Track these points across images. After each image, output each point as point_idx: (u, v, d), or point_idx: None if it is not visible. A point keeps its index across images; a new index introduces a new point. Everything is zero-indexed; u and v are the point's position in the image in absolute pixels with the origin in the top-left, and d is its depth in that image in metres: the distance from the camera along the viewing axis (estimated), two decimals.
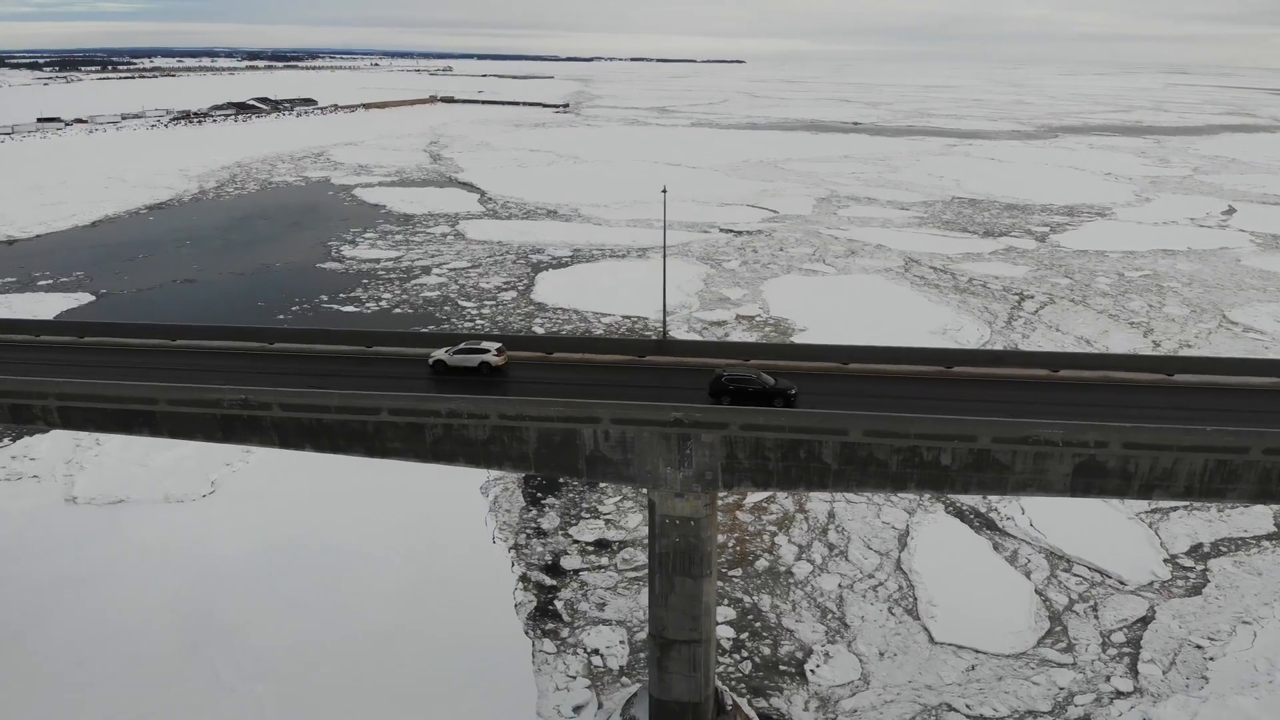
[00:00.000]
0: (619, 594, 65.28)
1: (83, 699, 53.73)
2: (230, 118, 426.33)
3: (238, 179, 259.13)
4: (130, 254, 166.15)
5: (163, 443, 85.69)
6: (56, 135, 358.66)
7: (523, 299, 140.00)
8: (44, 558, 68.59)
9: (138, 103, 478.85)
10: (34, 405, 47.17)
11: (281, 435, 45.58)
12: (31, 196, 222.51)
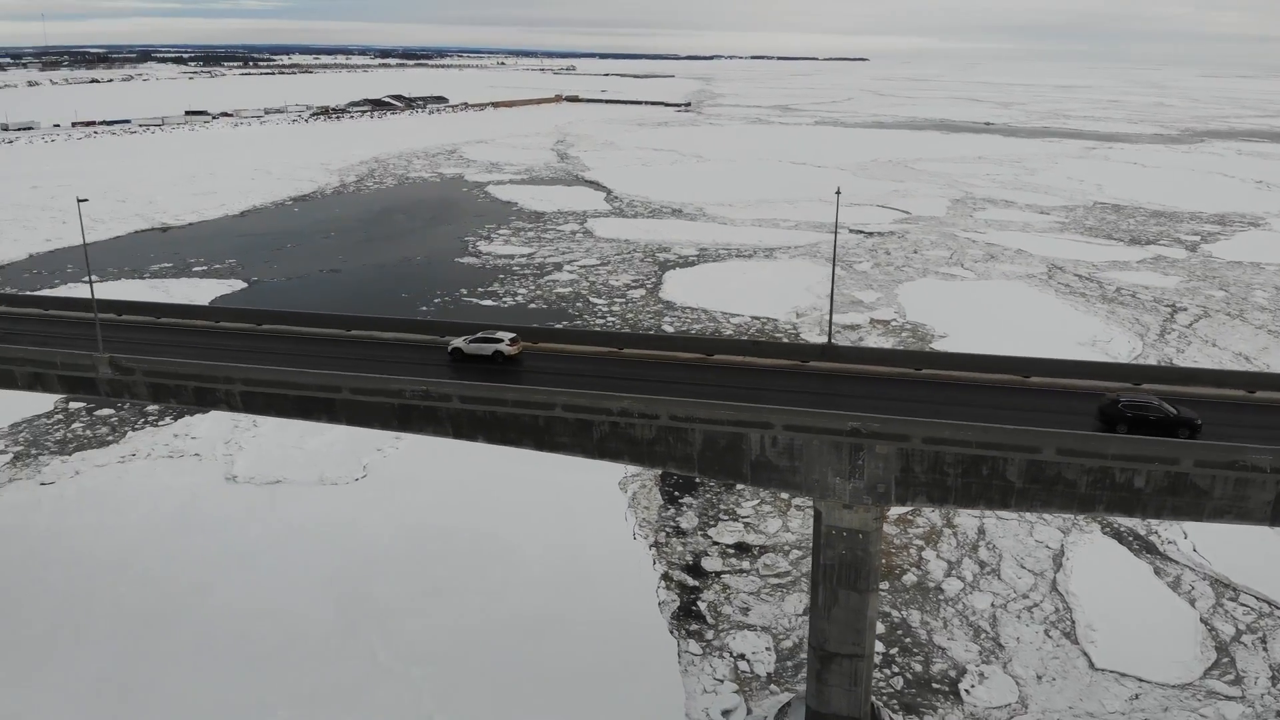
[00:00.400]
0: (763, 600, 64.63)
1: (247, 672, 56.12)
2: (366, 114, 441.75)
3: (376, 174, 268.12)
4: (278, 243, 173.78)
5: (316, 427, 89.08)
6: (204, 128, 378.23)
7: (651, 297, 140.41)
8: (207, 533, 72.13)
9: (277, 98, 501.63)
10: (218, 389, 49.50)
11: (456, 426, 46.60)
12: (183, 186, 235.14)
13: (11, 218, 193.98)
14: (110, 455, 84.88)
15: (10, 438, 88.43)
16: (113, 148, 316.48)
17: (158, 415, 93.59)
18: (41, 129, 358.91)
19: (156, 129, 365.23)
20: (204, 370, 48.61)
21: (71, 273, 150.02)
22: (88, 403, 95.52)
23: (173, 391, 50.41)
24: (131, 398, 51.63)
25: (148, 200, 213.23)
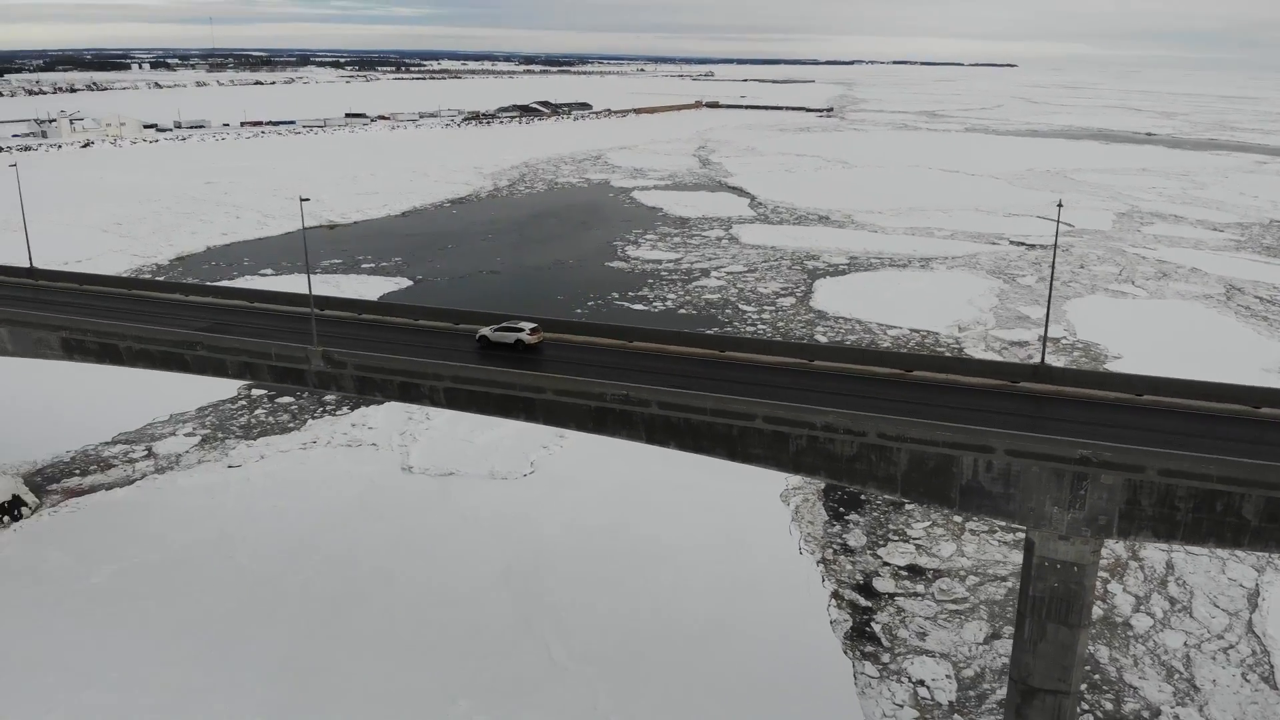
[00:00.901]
0: (940, 625, 62.61)
1: (429, 660, 57.79)
2: (515, 119, 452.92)
3: (526, 178, 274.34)
4: (439, 243, 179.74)
5: (486, 422, 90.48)
6: (363, 130, 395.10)
7: (802, 306, 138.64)
8: (387, 520, 74.83)
9: (427, 102, 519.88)
10: (423, 385, 51.16)
11: (649, 431, 46.81)
12: (347, 186, 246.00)
13: (188, 212, 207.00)
14: (293, 441, 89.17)
15: (197, 421, 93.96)
16: (279, 147, 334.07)
17: (335, 405, 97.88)
18: (212, 128, 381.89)
19: (319, 130, 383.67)
20: (412, 366, 50.33)
21: (248, 265, 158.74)
22: (269, 390, 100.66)
23: (378, 385, 52.39)
24: (338, 389, 53.95)
25: (315, 198, 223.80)
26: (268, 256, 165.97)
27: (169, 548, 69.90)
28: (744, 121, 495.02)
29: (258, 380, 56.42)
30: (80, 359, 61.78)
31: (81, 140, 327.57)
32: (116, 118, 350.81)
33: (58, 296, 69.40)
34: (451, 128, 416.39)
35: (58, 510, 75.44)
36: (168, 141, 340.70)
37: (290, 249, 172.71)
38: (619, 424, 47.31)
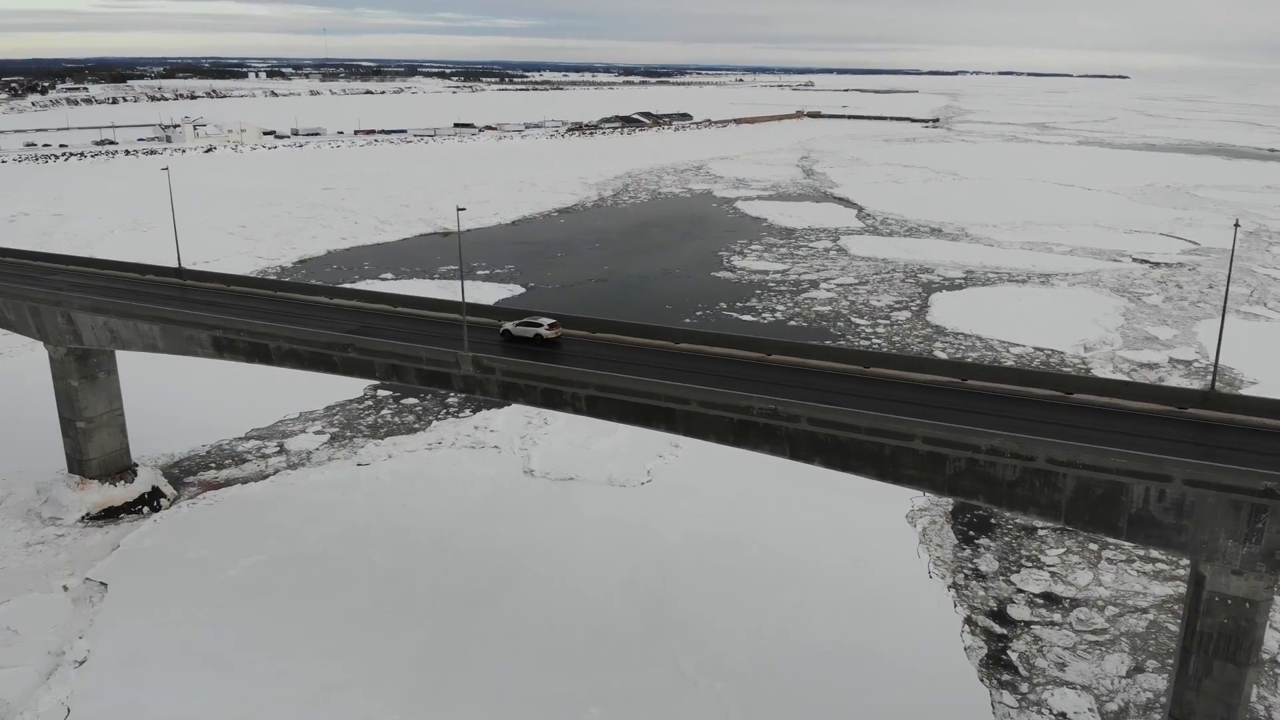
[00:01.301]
0: (1079, 656, 60.34)
1: (559, 666, 58.20)
2: (617, 130, 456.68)
3: (630, 188, 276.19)
4: (549, 252, 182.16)
5: (602, 429, 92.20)
6: (471, 140, 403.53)
7: (917, 320, 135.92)
8: (511, 522, 75.84)
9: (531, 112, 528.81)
10: (566, 391, 51.69)
11: (793, 446, 46.33)
12: (458, 194, 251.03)
13: (308, 216, 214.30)
14: (419, 442, 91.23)
15: (326, 420, 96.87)
16: (392, 155, 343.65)
17: (458, 407, 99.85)
18: (327, 135, 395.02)
19: (429, 139, 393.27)
20: (558, 373, 50.93)
21: (368, 270, 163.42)
22: (394, 392, 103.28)
23: (522, 391, 53.18)
24: (482, 393, 54.93)
25: (428, 206, 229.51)
26: (386, 261, 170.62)
27: (304, 542, 72.18)
28: (847, 132, 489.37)
29: (403, 382, 57.82)
30: (230, 357, 64.35)
31: (204, 145, 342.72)
32: (238, 124, 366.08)
33: (204, 296, 72.32)
34: (555, 138, 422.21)
35: (195, 502, 78.64)
36: (286, 148, 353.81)
37: (407, 254, 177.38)
38: (762, 438, 46.94)
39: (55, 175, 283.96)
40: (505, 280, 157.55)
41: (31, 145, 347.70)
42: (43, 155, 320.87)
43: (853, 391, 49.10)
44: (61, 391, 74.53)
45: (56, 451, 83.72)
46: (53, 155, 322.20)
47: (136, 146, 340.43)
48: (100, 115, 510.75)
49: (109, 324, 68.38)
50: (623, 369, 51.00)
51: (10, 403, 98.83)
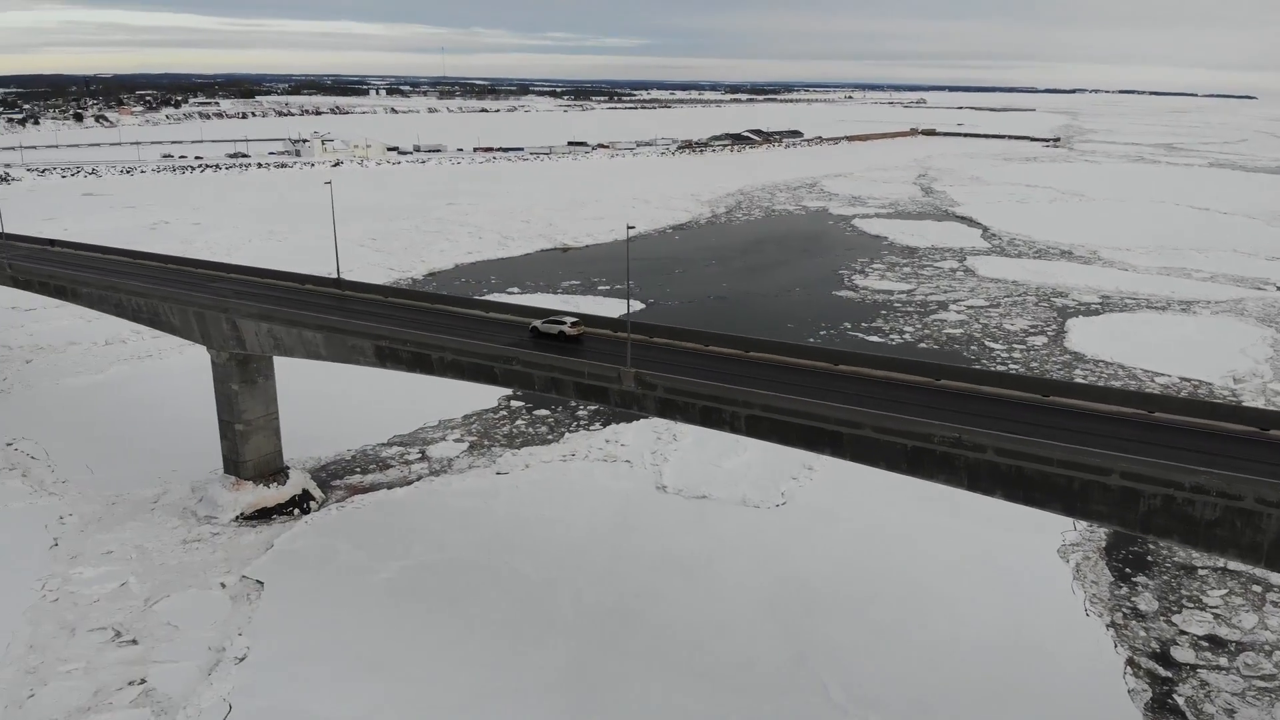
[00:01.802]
0: (1249, 703, 56.89)
1: (703, 686, 57.55)
2: (727, 147, 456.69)
3: (743, 205, 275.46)
4: (667, 268, 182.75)
5: (732, 447, 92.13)
6: (585, 157, 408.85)
7: (1054, 345, 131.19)
8: (646, 537, 75.76)
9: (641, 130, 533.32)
10: (725, 410, 51.28)
11: (971, 477, 44.85)
12: (575, 211, 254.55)
13: (435, 230, 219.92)
14: (553, 453, 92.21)
15: (464, 428, 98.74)
16: (510, 172, 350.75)
17: (589, 420, 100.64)
18: (447, 152, 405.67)
19: (545, 157, 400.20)
20: (720, 392, 50.61)
21: (495, 283, 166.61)
22: (527, 402, 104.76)
23: (680, 409, 53.02)
24: (638, 409, 55.00)
25: (547, 222, 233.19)
26: (512, 275, 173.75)
27: (450, 548, 73.53)
28: (964, 150, 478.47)
29: (561, 395, 58.35)
30: (390, 366, 66.08)
31: (332, 160, 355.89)
32: (364, 140, 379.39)
33: (361, 306, 74.46)
34: (666, 156, 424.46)
35: (344, 506, 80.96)
36: (409, 164, 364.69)
37: (532, 269, 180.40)
38: (938, 467, 45.59)
39: (192, 186, 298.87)
40: (624, 295, 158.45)
41: (169, 157, 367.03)
42: (179, 167, 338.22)
43: (1019, 419, 47.33)
44: (222, 395, 77.76)
45: (207, 452, 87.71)
46: (189, 167, 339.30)
47: (267, 160, 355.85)
48: (230, 129, 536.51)
49: (273, 331, 71.09)
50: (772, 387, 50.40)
51: (161, 404, 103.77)
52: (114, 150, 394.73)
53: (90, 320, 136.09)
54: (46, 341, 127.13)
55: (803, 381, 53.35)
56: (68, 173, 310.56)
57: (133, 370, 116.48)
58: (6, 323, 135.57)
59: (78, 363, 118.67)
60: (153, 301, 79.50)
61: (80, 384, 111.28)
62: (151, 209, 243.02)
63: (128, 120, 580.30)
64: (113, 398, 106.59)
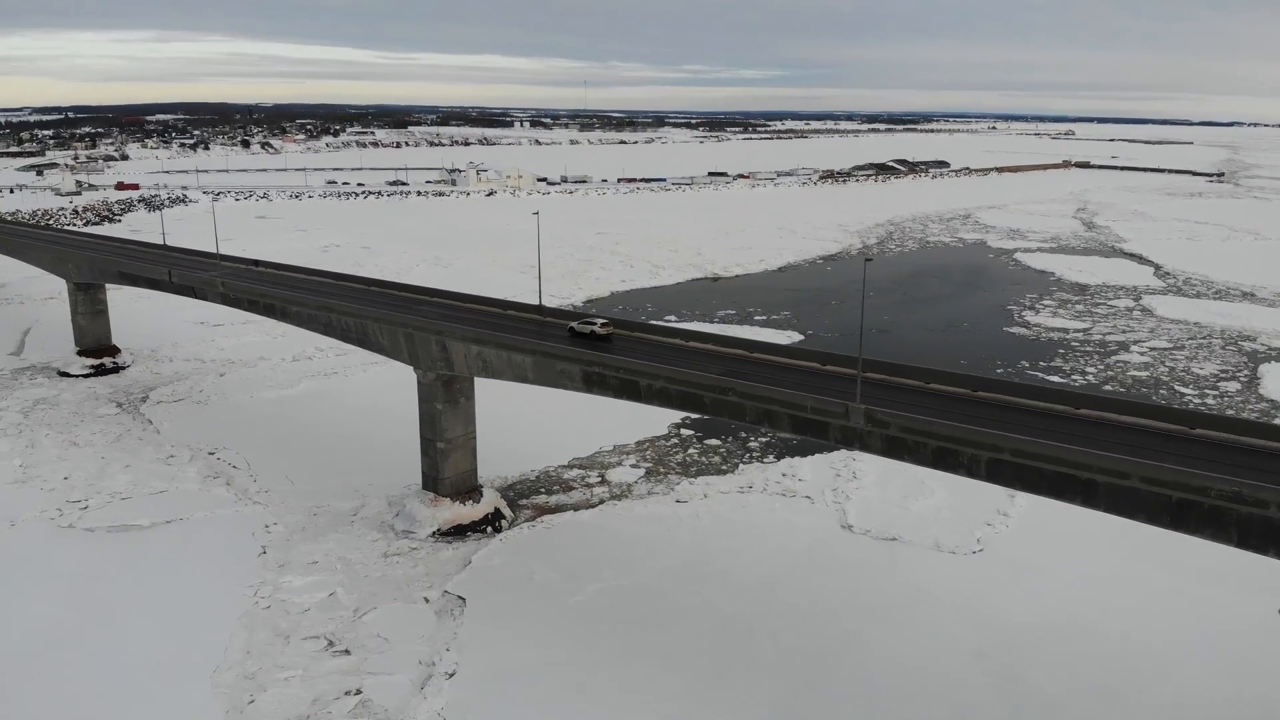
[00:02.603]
0: None
1: None
2: (871, 178, 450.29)
3: (894, 236, 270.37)
4: (823, 299, 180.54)
5: (916, 487, 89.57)
6: (726, 187, 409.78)
7: (1249, 392, 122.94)
8: (837, 577, 73.83)
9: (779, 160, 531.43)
10: (963, 452, 49.45)
11: (1243, 534, 41.86)
12: (721, 240, 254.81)
13: (588, 259, 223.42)
14: (730, 484, 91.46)
15: (639, 454, 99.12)
16: (654, 202, 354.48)
17: (761, 451, 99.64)
18: (593, 183, 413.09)
19: (686, 187, 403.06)
20: (958, 433, 48.92)
21: (651, 311, 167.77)
22: (697, 431, 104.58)
23: (909, 448, 51.50)
24: (861, 447, 53.76)
25: (696, 251, 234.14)
26: (666, 304, 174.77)
27: (640, 574, 73.52)
28: (1122, 184, 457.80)
29: (773, 428, 57.66)
30: (597, 392, 66.81)
31: (485, 189, 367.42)
32: (515, 170, 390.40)
33: (559, 333, 75.71)
34: (809, 186, 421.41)
35: (534, 526, 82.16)
36: (557, 194, 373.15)
37: (685, 298, 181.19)
38: (1204, 522, 42.70)
39: (356, 211, 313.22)
40: (782, 326, 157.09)
41: (332, 183, 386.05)
42: (343, 193, 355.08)
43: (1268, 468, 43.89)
44: (425, 413, 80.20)
45: (398, 468, 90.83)
46: (352, 193, 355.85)
47: (425, 188, 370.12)
48: (386, 158, 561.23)
49: (483, 354, 73.00)
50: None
51: (349, 420, 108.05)
52: (280, 176, 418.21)
53: (275, 337, 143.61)
54: (237, 356, 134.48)
55: (1039, 424, 51.06)
56: (240, 196, 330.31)
57: (320, 386, 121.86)
58: (197, 338, 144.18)
59: (267, 377, 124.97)
60: (363, 322, 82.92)
61: (272, 397, 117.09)
62: (321, 232, 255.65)
63: (290, 147, 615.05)
64: (303, 412, 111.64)
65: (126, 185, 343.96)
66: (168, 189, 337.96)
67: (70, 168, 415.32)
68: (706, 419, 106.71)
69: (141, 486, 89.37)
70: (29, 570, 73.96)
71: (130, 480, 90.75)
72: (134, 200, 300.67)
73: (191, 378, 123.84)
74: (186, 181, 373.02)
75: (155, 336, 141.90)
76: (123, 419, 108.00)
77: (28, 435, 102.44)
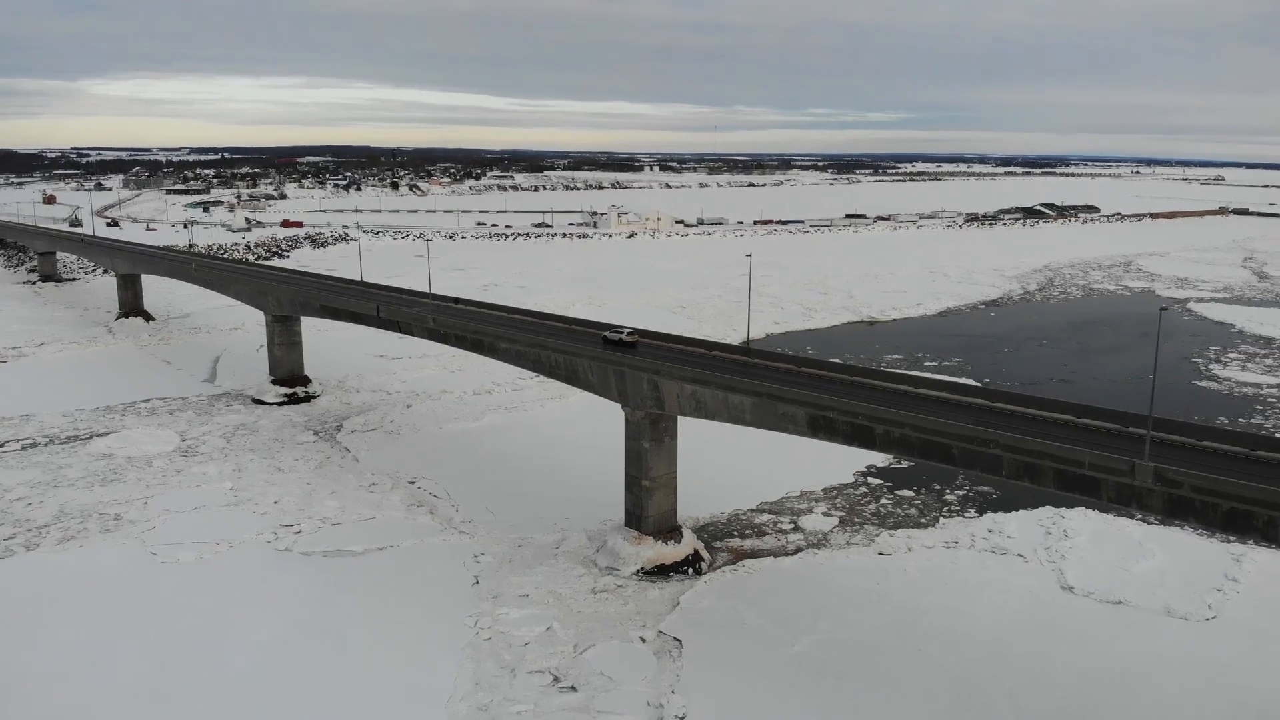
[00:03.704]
0: None
1: None
2: (1018, 221, 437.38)
3: (1055, 282, 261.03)
4: (992, 346, 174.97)
5: (1135, 548, 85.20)
6: (865, 230, 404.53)
7: None
8: (1067, 641, 69.76)
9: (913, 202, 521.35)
10: (1258, 514, 46.23)
11: None
12: (871, 283, 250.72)
13: (738, 300, 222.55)
14: (934, 538, 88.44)
15: (828, 501, 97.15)
16: (793, 244, 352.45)
17: (960, 505, 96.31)
18: (729, 224, 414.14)
19: (825, 229, 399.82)
20: (1262, 495, 45.75)
21: (811, 354, 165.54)
22: (886, 480, 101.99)
23: (1195, 509, 48.39)
24: (1139, 507, 51.04)
25: (847, 294, 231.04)
26: (825, 346, 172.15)
27: (856, 627, 71.46)
28: None
29: (1034, 483, 55.17)
30: (823, 437, 65.71)
31: (627, 231, 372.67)
32: (655, 213, 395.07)
33: (772, 374, 74.87)
34: (953, 229, 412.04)
35: (736, 569, 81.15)
36: (696, 235, 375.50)
37: (843, 341, 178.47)
38: None
39: (507, 251, 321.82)
40: (955, 373, 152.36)
41: (481, 224, 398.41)
42: (493, 234, 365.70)
43: None
44: (632, 451, 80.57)
45: (592, 502, 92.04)
46: (500, 235, 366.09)
47: (569, 230, 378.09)
48: (525, 200, 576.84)
49: (697, 393, 72.94)
50: None
51: (533, 453, 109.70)
52: (429, 216, 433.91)
53: (453, 371, 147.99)
54: (419, 389, 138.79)
55: None
56: (399, 235, 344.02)
57: (503, 419, 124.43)
58: (379, 370, 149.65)
59: (452, 410, 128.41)
60: (573, 359, 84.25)
61: (459, 429, 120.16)
62: (479, 271, 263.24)
63: (436, 190, 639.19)
64: (490, 444, 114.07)
65: (291, 223, 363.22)
66: (330, 227, 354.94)
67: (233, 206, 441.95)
68: (894, 467, 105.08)
69: (349, 513, 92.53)
70: (253, 592, 76.99)
71: (338, 506, 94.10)
72: (300, 237, 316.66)
73: (380, 408, 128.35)
74: (343, 220, 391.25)
75: (340, 368, 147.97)
76: (321, 446, 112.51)
77: (233, 459, 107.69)
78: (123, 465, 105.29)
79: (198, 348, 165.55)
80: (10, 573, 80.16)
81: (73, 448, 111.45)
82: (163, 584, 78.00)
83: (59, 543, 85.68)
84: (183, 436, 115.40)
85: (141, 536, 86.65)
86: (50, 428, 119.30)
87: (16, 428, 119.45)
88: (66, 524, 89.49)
